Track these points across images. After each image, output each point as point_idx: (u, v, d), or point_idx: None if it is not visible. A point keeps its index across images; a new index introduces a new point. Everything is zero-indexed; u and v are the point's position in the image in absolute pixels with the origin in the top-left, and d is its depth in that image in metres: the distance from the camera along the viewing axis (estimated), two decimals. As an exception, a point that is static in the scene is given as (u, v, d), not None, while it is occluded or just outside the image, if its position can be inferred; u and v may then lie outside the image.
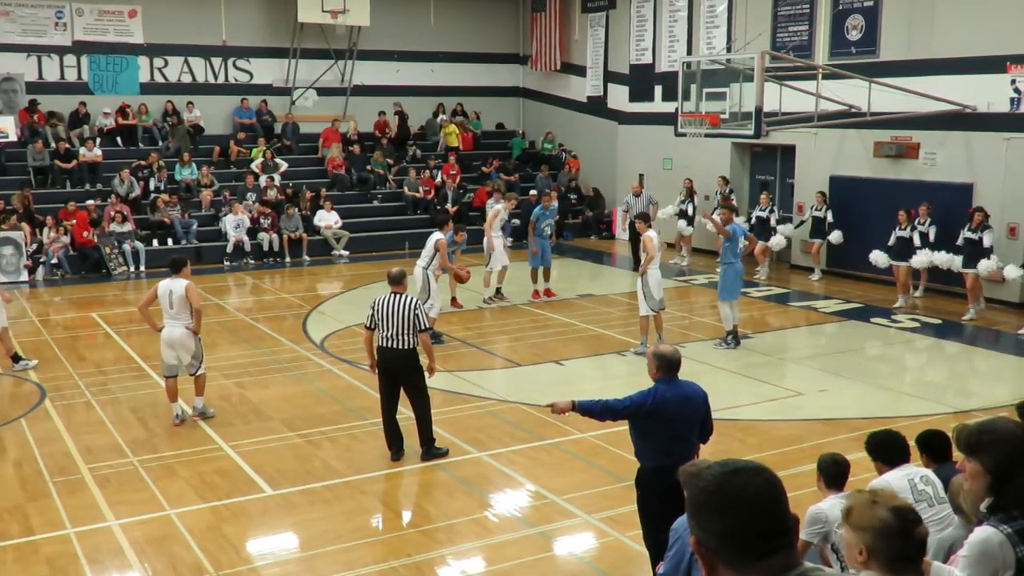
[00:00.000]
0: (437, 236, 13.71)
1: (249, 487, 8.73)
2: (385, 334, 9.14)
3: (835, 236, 18.44)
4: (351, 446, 9.85)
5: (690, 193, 21.10)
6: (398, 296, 9.23)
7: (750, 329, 14.83)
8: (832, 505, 5.46)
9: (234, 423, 10.53)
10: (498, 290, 16.74)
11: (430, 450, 9.35)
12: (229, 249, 21.08)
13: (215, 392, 11.29)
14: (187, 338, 10.33)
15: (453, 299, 15.95)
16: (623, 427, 6.61)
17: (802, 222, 19.26)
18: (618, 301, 17.09)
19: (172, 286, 10.26)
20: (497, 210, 16.76)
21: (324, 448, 9.78)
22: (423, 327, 9.22)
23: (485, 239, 16.53)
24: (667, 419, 6.27)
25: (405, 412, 9.54)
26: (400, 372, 9.24)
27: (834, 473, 5.70)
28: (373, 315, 9.20)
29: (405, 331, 9.12)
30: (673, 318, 15.34)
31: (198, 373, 10.54)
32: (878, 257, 16.81)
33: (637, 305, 13.47)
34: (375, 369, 9.46)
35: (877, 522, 3.21)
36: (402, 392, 9.37)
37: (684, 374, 6.60)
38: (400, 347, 9.14)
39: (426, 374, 9.42)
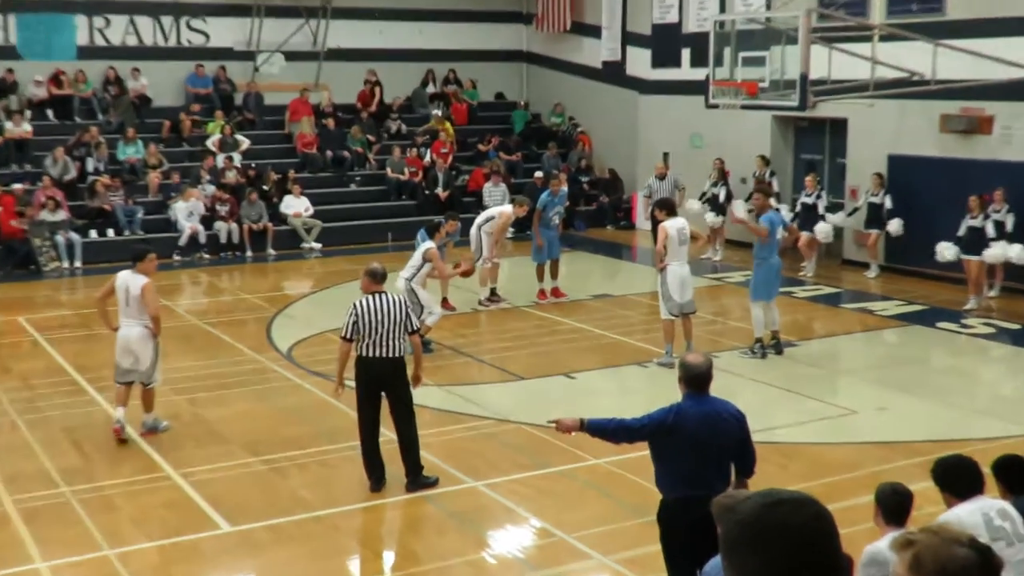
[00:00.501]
0: (428, 245, 13.63)
1: (203, 523, 8.68)
2: (371, 341, 9.08)
3: (894, 225, 18.41)
4: (323, 474, 9.81)
5: (722, 175, 21.05)
6: (382, 297, 9.20)
7: (794, 336, 14.78)
8: (892, 544, 5.41)
9: (185, 446, 10.48)
10: (493, 290, 16.72)
11: (417, 479, 9.31)
12: (182, 241, 21.06)
13: (163, 410, 11.24)
14: (145, 339, 10.43)
15: (444, 300, 15.89)
16: (646, 451, 6.57)
17: (855, 209, 19.23)
18: (639, 303, 17.06)
19: (130, 281, 10.38)
20: (509, 215, 16.57)
21: (292, 476, 9.74)
22: (413, 328, 9.24)
23: (475, 231, 16.41)
24: (690, 441, 6.23)
25: (387, 435, 9.50)
26: (388, 384, 9.21)
27: (894, 506, 5.65)
28: (356, 322, 9.10)
29: (395, 336, 9.09)
30: (703, 322, 15.29)
31: (151, 384, 10.62)
32: (945, 250, 16.76)
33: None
34: (342, 388, 9.43)
35: (961, 561, 3.16)
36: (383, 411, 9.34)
37: (717, 388, 6.56)
38: (389, 355, 9.11)
39: (410, 385, 9.41)
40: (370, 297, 9.19)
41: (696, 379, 6.38)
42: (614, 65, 25.80)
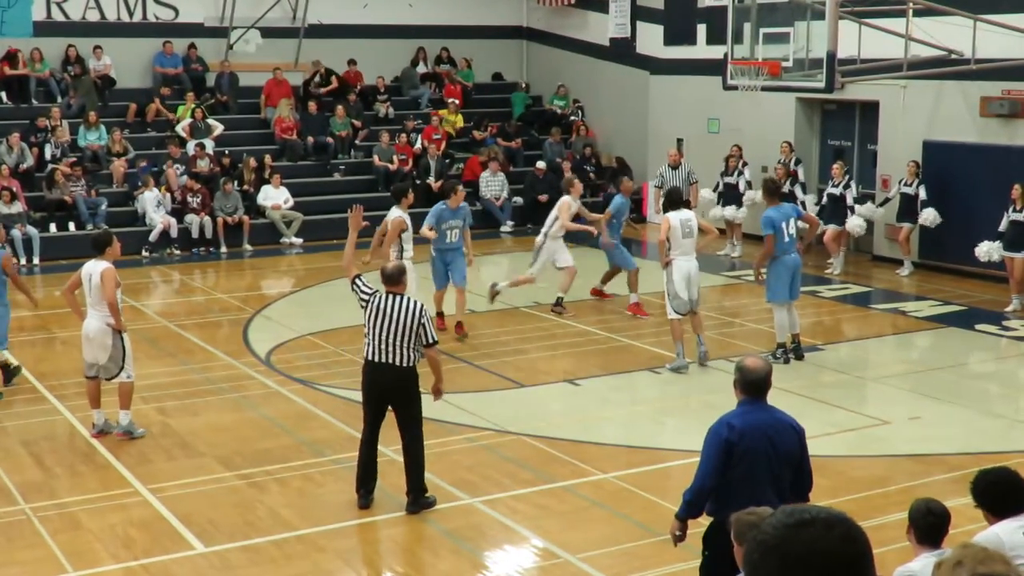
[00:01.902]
0: (394, 215, 13.62)
1: (174, 542, 8.73)
2: (378, 345, 9.06)
3: (929, 216, 18.40)
4: (306, 490, 9.85)
5: (738, 164, 21.05)
6: (397, 299, 9.15)
7: (820, 339, 14.83)
8: (925, 566, 5.46)
9: (155, 460, 10.52)
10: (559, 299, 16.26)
11: (419, 498, 9.28)
12: (153, 237, 21.05)
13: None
14: (104, 334, 10.76)
15: (440, 315, 15.28)
16: (656, 465, 6.60)
17: (886, 200, 19.25)
18: (650, 303, 17.05)
19: (92, 269, 10.79)
20: (568, 203, 16.19)
21: (271, 492, 9.77)
22: (430, 340, 9.13)
23: (541, 240, 16.06)
24: (748, 454, 6.21)
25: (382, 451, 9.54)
26: (394, 396, 9.17)
27: (928, 525, 5.68)
28: (367, 310, 9.10)
29: (405, 344, 9.02)
30: (719, 323, 15.35)
31: (118, 379, 10.89)
32: (988, 250, 16.65)
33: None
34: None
35: None
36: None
37: (732, 396, 6.59)
38: (395, 363, 9.06)
39: (429, 398, 9.37)
40: (387, 296, 9.17)
41: (754, 384, 6.41)
42: (623, 42, 25.83)
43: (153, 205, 21.30)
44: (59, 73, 24.19)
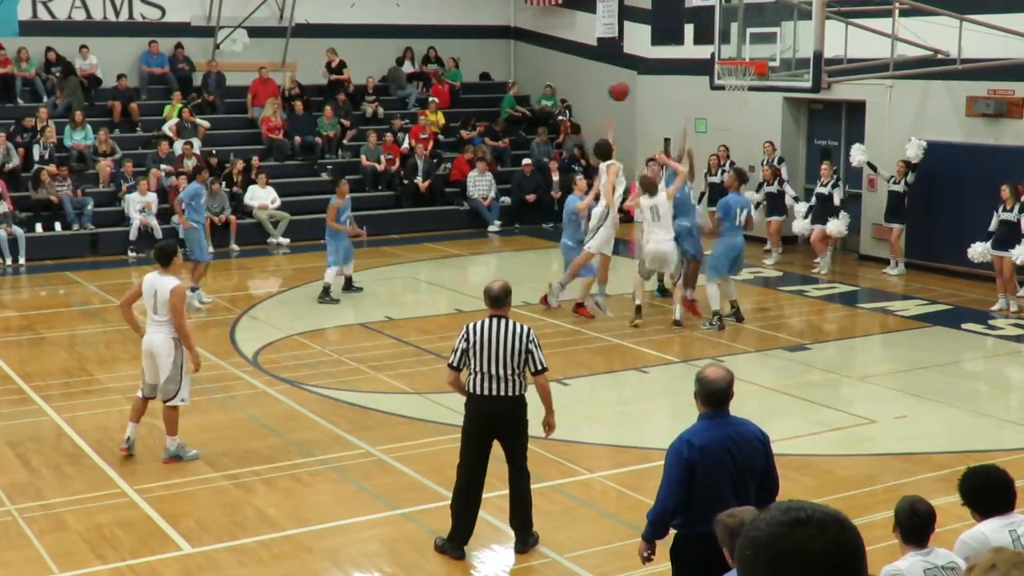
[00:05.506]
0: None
1: (161, 543, 8.72)
2: (480, 375, 8.38)
3: (912, 150, 18.38)
4: (293, 491, 9.84)
5: (721, 164, 21.08)
6: (502, 322, 8.41)
7: (807, 339, 14.88)
8: (912, 565, 5.46)
9: (141, 460, 10.50)
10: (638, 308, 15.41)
11: (527, 540, 8.67)
12: (132, 235, 20.96)
13: (116, 421, 11.26)
14: (168, 348, 10.23)
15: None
16: (644, 465, 6.60)
17: (877, 168, 19.15)
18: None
19: (157, 283, 10.22)
20: (615, 168, 15.67)
21: (258, 493, 9.77)
22: (538, 367, 8.42)
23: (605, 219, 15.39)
24: (711, 471, 6.13)
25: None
26: (502, 428, 8.57)
27: (913, 525, 5.66)
28: (467, 350, 8.38)
29: (510, 370, 8.35)
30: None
31: (174, 402, 10.36)
32: (982, 251, 16.53)
33: (650, 294, 14.65)
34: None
35: None
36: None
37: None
38: (505, 393, 8.41)
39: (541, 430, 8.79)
40: (490, 320, 8.43)
41: (714, 395, 6.22)
42: (610, 42, 25.86)
43: (136, 208, 21.12)
44: (44, 73, 24.12)
